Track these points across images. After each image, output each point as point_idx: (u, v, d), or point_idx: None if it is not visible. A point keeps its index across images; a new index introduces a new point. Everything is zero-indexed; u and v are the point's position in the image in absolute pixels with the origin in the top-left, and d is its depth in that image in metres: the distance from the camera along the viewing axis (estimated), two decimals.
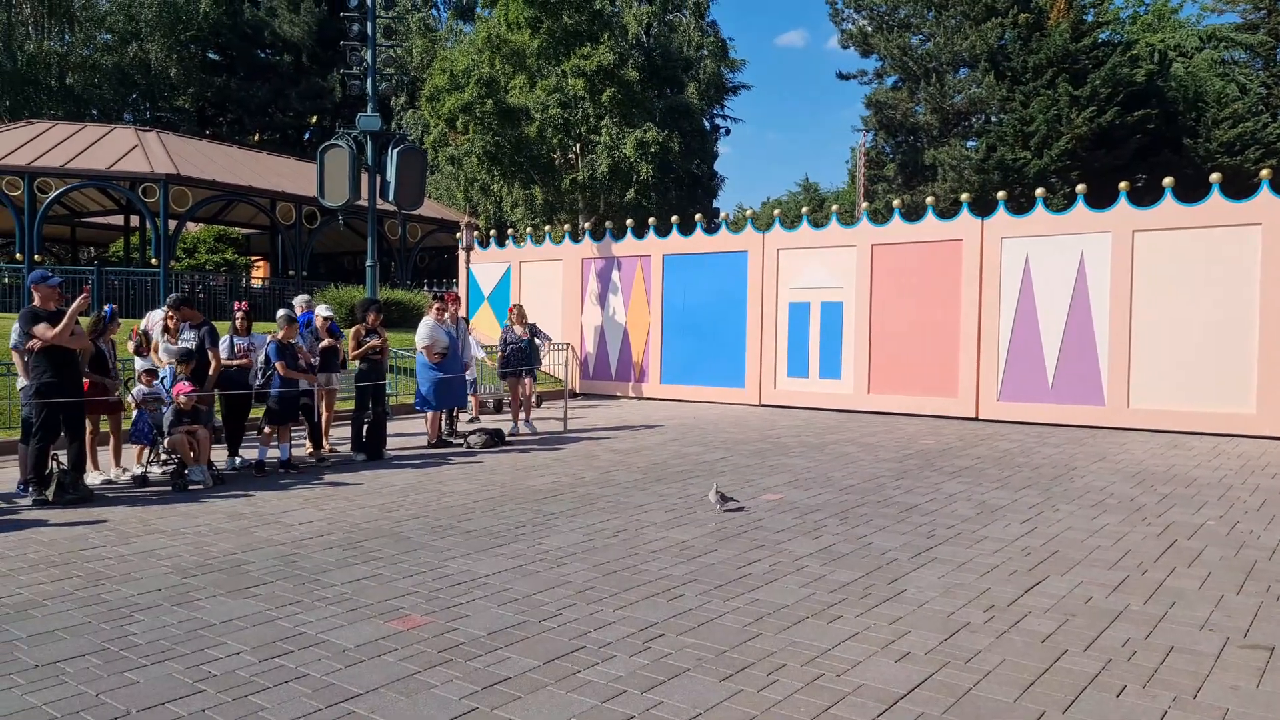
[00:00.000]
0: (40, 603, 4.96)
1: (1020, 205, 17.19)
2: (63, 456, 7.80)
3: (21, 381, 8.01)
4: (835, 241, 15.28)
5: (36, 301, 7.70)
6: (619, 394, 17.64)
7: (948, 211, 16.34)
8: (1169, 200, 12.52)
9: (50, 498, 7.51)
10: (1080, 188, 13.51)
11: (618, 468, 9.53)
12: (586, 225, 19.56)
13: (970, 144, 33.35)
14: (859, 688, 3.84)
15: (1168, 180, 12.69)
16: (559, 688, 3.84)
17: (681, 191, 31.62)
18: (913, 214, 15.74)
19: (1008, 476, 9.01)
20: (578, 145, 29.30)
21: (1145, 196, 13.83)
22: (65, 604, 4.94)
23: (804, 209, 16.86)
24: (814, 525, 6.87)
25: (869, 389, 14.81)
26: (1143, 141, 31.13)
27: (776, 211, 17.29)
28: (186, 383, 8.59)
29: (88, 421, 8.28)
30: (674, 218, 17.52)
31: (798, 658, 4.18)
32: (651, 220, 17.88)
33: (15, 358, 8.01)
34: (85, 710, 3.60)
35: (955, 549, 6.18)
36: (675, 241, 17.04)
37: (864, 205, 15.86)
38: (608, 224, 18.77)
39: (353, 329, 10.62)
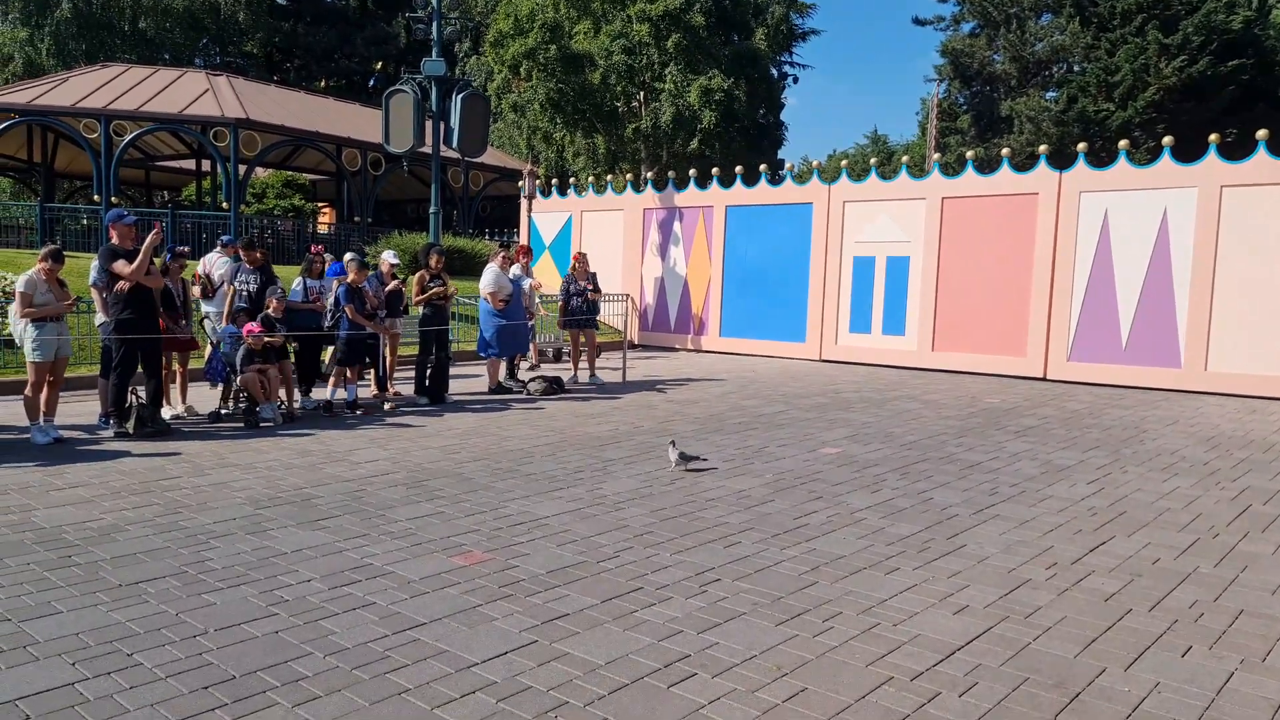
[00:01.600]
0: (122, 528, 5.19)
1: (1101, 159, 16.55)
2: (141, 391, 8.10)
3: (100, 318, 8.30)
4: (904, 194, 14.92)
5: (115, 240, 7.94)
6: (677, 346, 17.62)
7: (1024, 165, 15.82)
8: (1262, 154, 11.91)
9: (130, 430, 7.82)
10: (1167, 140, 12.92)
11: (676, 418, 9.55)
12: (649, 175, 19.39)
13: (1050, 95, 32.08)
14: (915, 637, 3.83)
15: (1261, 133, 12.06)
16: (616, 625, 3.90)
17: (746, 141, 31.09)
18: (986, 167, 15.28)
19: (1075, 437, 8.80)
20: (641, 93, 28.98)
21: (1236, 151, 13.15)
22: (146, 529, 5.16)
23: (872, 160, 16.47)
24: (873, 479, 6.82)
25: (933, 346, 14.54)
26: (1236, 94, 29.51)
27: (843, 163, 16.94)
28: (256, 323, 8.81)
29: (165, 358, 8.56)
30: (738, 168, 17.27)
31: (854, 606, 4.18)
32: (715, 170, 17.65)
33: (94, 295, 8.29)
34: (166, 628, 3.78)
35: (1018, 507, 6.08)
36: (739, 192, 16.82)
37: (935, 157, 15.40)
38: (670, 174, 18.62)
39: (416, 275, 10.72)
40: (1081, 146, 13.64)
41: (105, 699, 3.14)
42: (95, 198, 21.01)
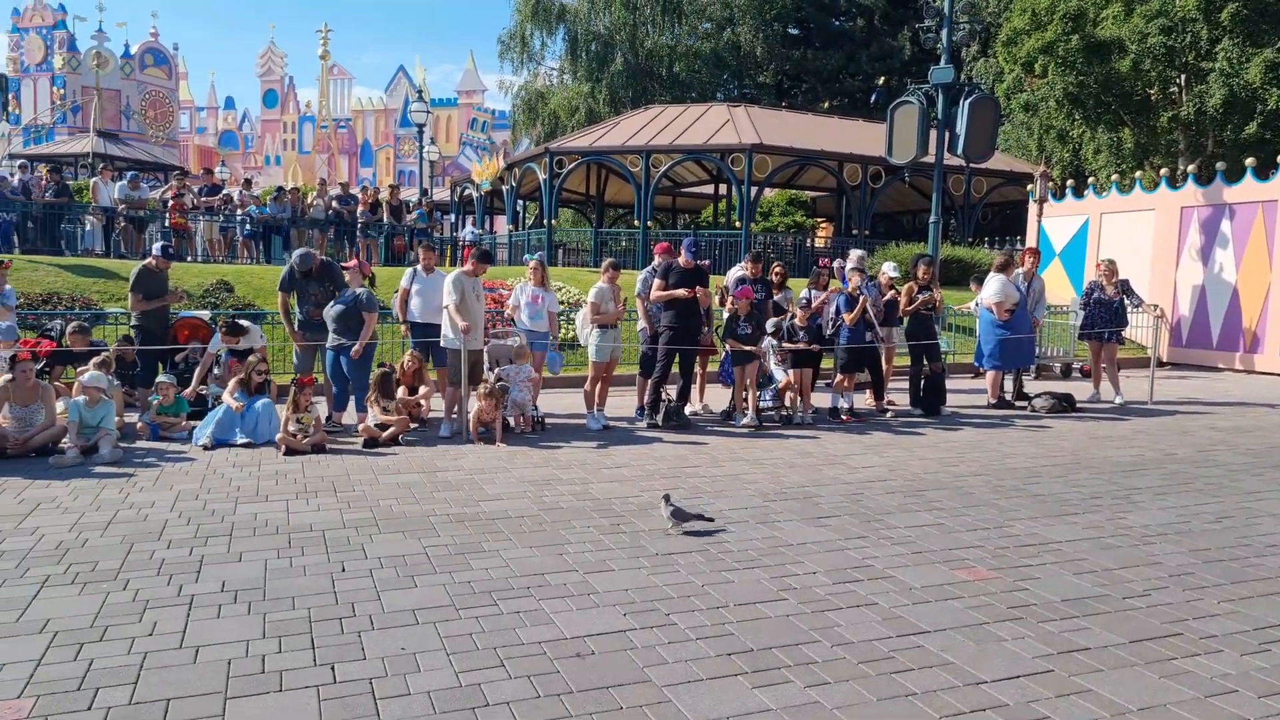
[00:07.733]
0: (655, 505, 5.89)
1: None
2: (671, 390, 9.21)
3: (641, 324, 9.61)
4: None
5: (681, 262, 9.11)
6: (1221, 365, 15.01)
7: None
8: None
9: (659, 422, 8.94)
10: None
11: (1219, 446, 8.17)
12: (1189, 168, 16.79)
13: None
14: None
15: None
16: (1149, 670, 3.46)
17: None
18: None
19: None
20: (1182, 76, 25.25)
21: None
22: None
23: None
24: None
25: None
26: None
27: None
28: (749, 287, 9.44)
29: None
30: None
31: None
32: None
33: (638, 305, 9.62)
34: (694, 596, 4.25)
35: None
36: None
37: None
38: (1219, 165, 15.94)
39: (905, 285, 10.64)
40: None
41: (649, 649, 3.64)
42: (635, 222, 24.36)
